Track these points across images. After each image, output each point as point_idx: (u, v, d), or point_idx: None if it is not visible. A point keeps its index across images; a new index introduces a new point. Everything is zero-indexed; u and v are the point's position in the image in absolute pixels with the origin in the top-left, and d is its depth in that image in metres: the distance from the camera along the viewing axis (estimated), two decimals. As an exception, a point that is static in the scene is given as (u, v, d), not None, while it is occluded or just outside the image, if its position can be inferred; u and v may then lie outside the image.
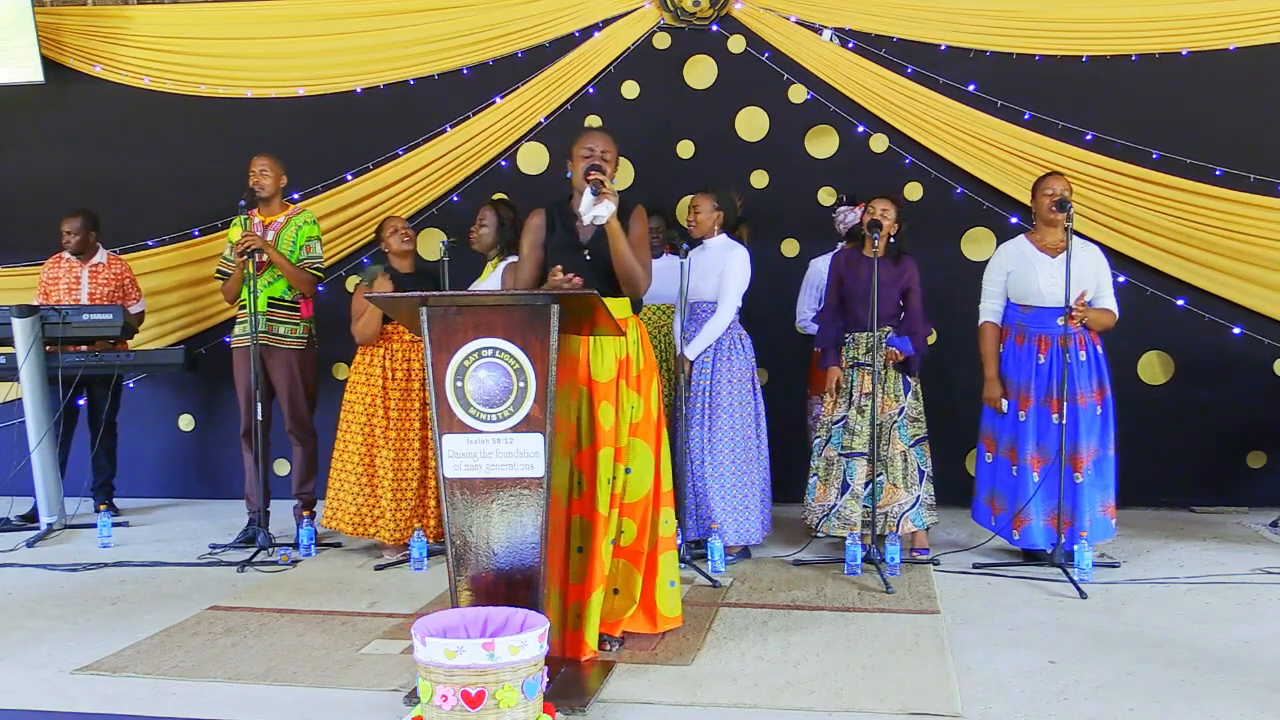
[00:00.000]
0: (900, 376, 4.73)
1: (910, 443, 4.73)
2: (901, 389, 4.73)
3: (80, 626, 3.91)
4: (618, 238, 3.41)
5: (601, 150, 3.49)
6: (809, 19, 5.92)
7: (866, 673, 3.27)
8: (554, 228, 3.57)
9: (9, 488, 5.78)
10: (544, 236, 3.59)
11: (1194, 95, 5.70)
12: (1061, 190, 4.53)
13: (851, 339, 4.79)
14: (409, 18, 6.19)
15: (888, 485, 4.70)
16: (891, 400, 4.71)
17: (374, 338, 4.89)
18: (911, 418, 4.75)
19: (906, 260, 4.76)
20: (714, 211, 4.78)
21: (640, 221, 3.55)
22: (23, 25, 6.20)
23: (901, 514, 4.70)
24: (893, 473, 4.70)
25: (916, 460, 4.75)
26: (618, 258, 3.43)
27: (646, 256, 3.53)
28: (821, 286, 5.30)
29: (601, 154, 3.48)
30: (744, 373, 4.73)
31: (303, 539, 4.98)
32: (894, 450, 4.70)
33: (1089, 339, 4.61)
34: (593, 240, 3.50)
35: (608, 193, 3.36)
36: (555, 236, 3.56)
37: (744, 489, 4.68)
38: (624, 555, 3.52)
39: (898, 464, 4.70)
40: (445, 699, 2.59)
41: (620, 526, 3.48)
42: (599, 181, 3.36)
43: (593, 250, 3.50)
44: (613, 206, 3.36)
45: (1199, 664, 3.33)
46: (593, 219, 3.36)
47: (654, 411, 3.55)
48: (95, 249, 5.95)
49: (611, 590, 3.51)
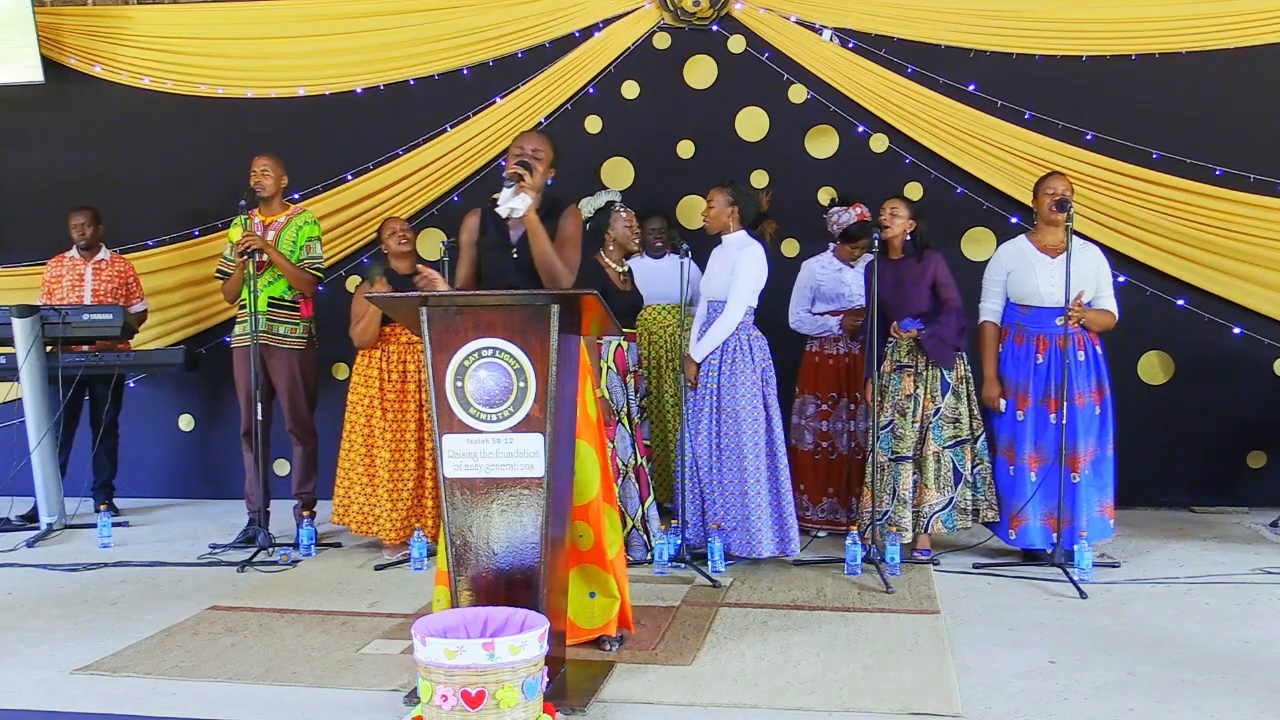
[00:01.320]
0: (939, 377, 4.66)
1: (947, 444, 4.66)
2: (939, 389, 4.67)
3: (80, 626, 3.91)
4: (536, 233, 3.41)
5: (532, 149, 3.51)
6: (809, 19, 5.92)
7: (866, 673, 3.27)
8: (486, 228, 3.59)
9: (9, 488, 5.78)
10: (477, 236, 3.62)
11: (1194, 95, 5.70)
12: (1063, 190, 4.53)
13: (893, 342, 4.73)
14: (409, 18, 6.19)
15: (920, 485, 4.67)
16: (929, 401, 4.66)
17: (372, 341, 4.90)
18: (949, 419, 4.66)
19: (930, 255, 4.71)
20: (728, 206, 4.68)
21: (572, 220, 3.54)
22: (23, 25, 6.20)
23: (932, 514, 4.66)
24: (925, 473, 4.65)
25: (953, 461, 4.67)
26: (536, 253, 3.42)
27: (572, 256, 3.50)
28: (814, 288, 5.30)
29: (532, 152, 3.50)
30: (750, 379, 4.56)
31: (303, 539, 4.99)
32: (927, 451, 4.65)
33: (1088, 339, 4.61)
34: (521, 240, 3.51)
35: (526, 186, 3.39)
36: (488, 235, 3.58)
37: (750, 500, 4.50)
38: (588, 560, 3.51)
39: (930, 464, 4.64)
40: (445, 699, 2.59)
41: (577, 531, 3.47)
42: (516, 175, 3.39)
43: (521, 250, 3.51)
44: (529, 200, 3.37)
45: (1199, 664, 3.33)
46: (509, 211, 3.39)
47: (591, 413, 3.53)
48: (99, 246, 5.97)
49: (588, 594, 3.51)
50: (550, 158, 3.56)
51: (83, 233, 5.86)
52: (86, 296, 5.85)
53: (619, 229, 4.75)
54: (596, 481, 3.49)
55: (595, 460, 3.50)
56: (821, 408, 5.22)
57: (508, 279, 3.48)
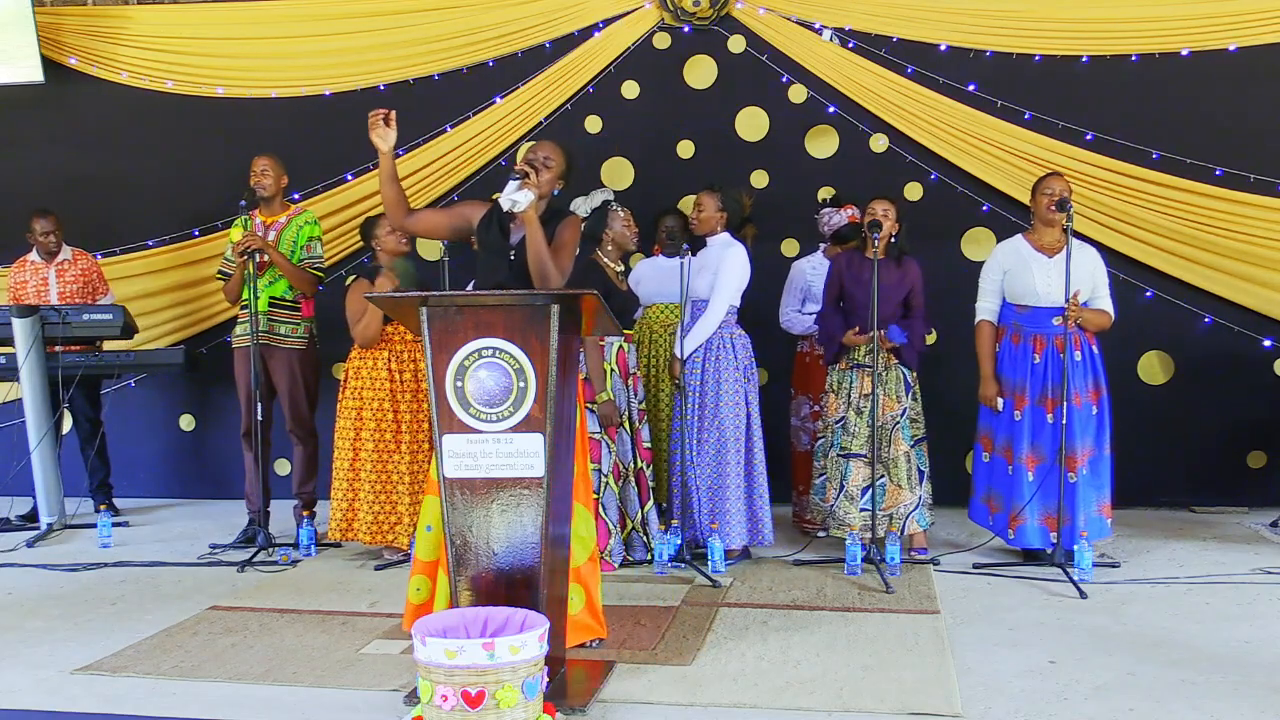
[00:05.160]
0: (901, 378, 4.72)
1: (911, 443, 4.74)
2: (903, 390, 4.72)
3: (80, 626, 3.91)
4: (533, 231, 3.40)
5: (544, 156, 3.52)
6: (809, 19, 5.92)
7: (866, 673, 3.28)
8: (490, 225, 3.59)
9: (9, 488, 5.79)
10: (473, 221, 3.62)
11: (1194, 95, 5.70)
12: (1061, 190, 4.53)
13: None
14: (409, 18, 6.19)
15: (891, 487, 4.69)
16: (893, 401, 4.70)
17: (375, 339, 4.85)
18: (911, 418, 4.76)
19: (908, 261, 4.75)
20: (717, 211, 4.79)
21: (571, 229, 3.54)
22: (23, 25, 6.21)
23: (907, 515, 4.69)
24: (896, 474, 4.69)
25: (916, 460, 4.76)
26: (530, 250, 3.41)
27: (565, 261, 3.50)
28: (804, 288, 5.31)
29: (544, 159, 3.51)
30: (732, 375, 4.68)
31: (303, 539, 4.98)
32: (897, 451, 4.69)
33: (1084, 339, 4.61)
34: (520, 244, 3.51)
35: (531, 184, 3.40)
36: (489, 234, 3.58)
37: (724, 493, 4.64)
38: None
39: (901, 465, 4.69)
40: (445, 699, 2.59)
41: None
42: (523, 172, 3.41)
43: (518, 253, 3.51)
44: (532, 196, 3.38)
45: (1199, 664, 3.33)
46: (511, 204, 3.40)
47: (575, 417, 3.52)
48: (60, 247, 5.94)
49: None
50: (561, 169, 3.56)
51: (50, 241, 5.82)
52: (52, 298, 5.82)
53: (617, 228, 4.76)
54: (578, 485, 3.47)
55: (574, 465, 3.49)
56: (814, 408, 5.24)
57: (499, 280, 3.48)
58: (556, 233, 3.49)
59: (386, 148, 3.55)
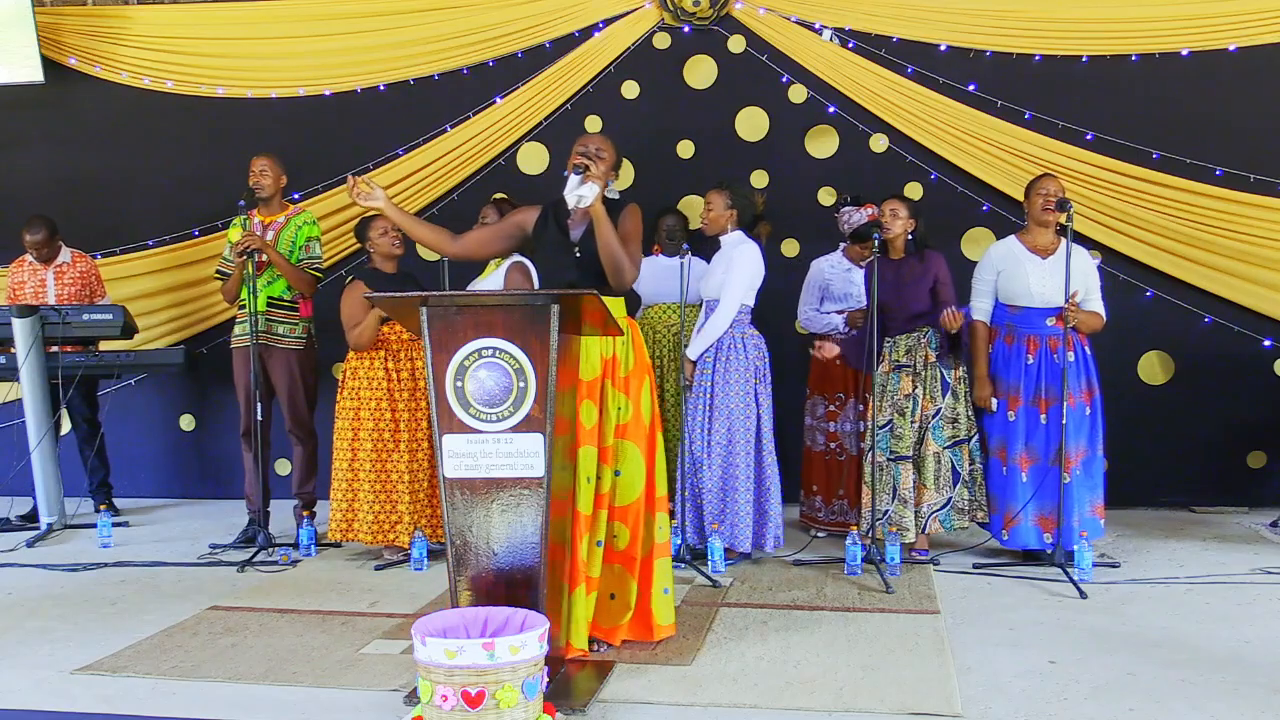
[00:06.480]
0: (939, 377, 4.66)
1: (946, 444, 4.66)
2: (939, 389, 4.68)
3: (80, 626, 3.91)
4: (602, 222, 3.39)
5: (596, 147, 3.51)
6: (809, 19, 5.92)
7: (866, 673, 3.28)
8: (547, 224, 3.58)
9: (9, 488, 5.79)
10: (525, 230, 3.62)
11: (1194, 95, 5.70)
12: (1057, 191, 4.54)
13: (891, 342, 4.73)
14: (409, 18, 6.19)
15: (919, 485, 4.67)
16: (929, 401, 4.66)
17: (369, 345, 4.83)
18: (948, 419, 4.67)
19: (931, 255, 4.72)
20: (726, 209, 4.73)
21: (632, 218, 3.54)
22: (23, 25, 6.21)
23: (930, 514, 4.67)
24: (924, 473, 4.65)
25: (951, 461, 4.68)
26: (602, 243, 3.41)
27: (635, 251, 3.51)
28: (822, 287, 5.29)
29: (595, 150, 3.50)
30: (742, 375, 4.61)
31: (303, 539, 4.98)
32: (927, 451, 4.64)
33: (1077, 340, 4.60)
34: (583, 239, 3.51)
35: (592, 176, 3.39)
36: (548, 233, 3.57)
37: (732, 495, 4.58)
38: (618, 560, 3.51)
39: (929, 465, 4.65)
40: (445, 699, 2.59)
41: (613, 531, 3.48)
42: (582, 165, 3.40)
43: (583, 249, 3.50)
44: (597, 189, 3.37)
45: (1199, 664, 3.33)
46: (577, 200, 3.39)
47: (645, 414, 3.53)
48: (58, 250, 5.94)
49: (608, 595, 3.50)
50: (613, 159, 3.56)
51: (40, 252, 5.81)
52: (50, 300, 5.81)
53: None
54: (641, 484, 3.50)
55: (641, 463, 3.51)
56: (830, 408, 5.22)
57: (567, 277, 3.45)
58: (619, 224, 3.47)
59: (380, 204, 3.45)
